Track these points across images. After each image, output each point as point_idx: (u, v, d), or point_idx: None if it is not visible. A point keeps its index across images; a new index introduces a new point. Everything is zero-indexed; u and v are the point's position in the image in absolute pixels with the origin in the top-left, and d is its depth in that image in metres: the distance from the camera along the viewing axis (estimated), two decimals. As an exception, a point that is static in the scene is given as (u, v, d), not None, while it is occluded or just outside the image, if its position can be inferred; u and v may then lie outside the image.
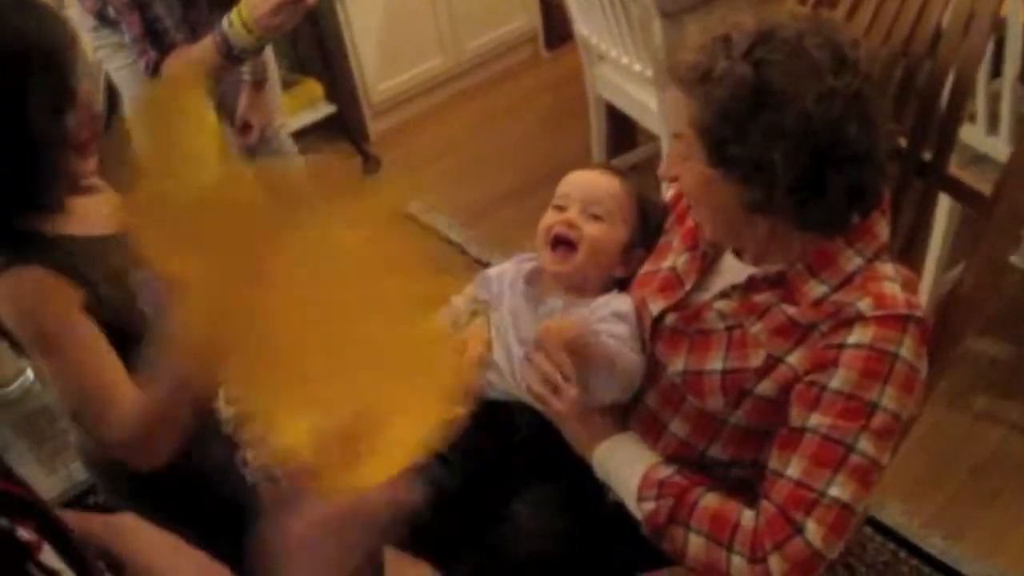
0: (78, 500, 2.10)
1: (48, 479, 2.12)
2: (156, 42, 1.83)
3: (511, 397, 1.27)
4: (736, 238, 1.13)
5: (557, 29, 3.64)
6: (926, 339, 1.04)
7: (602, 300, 1.26)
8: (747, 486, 1.10)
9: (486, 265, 2.77)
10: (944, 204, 1.96)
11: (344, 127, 3.31)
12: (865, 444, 1.00)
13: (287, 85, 3.14)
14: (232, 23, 1.71)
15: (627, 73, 2.40)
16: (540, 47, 3.79)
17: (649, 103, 2.35)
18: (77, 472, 2.05)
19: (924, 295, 2.06)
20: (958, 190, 1.17)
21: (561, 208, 1.29)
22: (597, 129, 2.72)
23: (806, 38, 1.01)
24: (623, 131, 2.78)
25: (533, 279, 1.32)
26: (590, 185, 1.30)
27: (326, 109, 3.27)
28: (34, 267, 1.06)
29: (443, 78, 3.55)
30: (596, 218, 1.27)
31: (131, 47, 1.86)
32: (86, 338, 1.09)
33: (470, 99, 3.59)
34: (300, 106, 3.21)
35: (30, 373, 2.19)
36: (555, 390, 1.16)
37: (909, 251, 1.21)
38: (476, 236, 2.87)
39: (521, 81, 3.66)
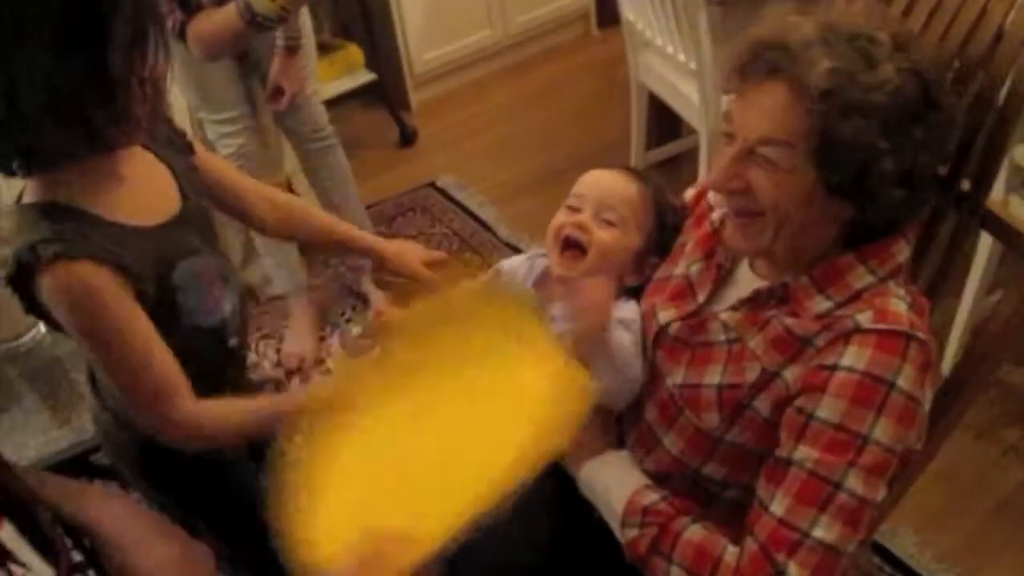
0: (84, 456, 2.11)
1: (58, 431, 2.13)
2: (183, 3, 1.80)
3: None
4: (797, 254, 1.04)
5: (610, 8, 3.52)
6: (928, 365, 0.97)
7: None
8: (742, 509, 1.04)
9: (514, 248, 2.73)
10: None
11: (384, 96, 3.26)
12: (854, 481, 0.94)
13: (327, 49, 3.10)
14: None
15: (671, 63, 2.31)
16: (592, 26, 3.70)
17: (691, 95, 2.27)
18: (86, 428, 2.05)
19: (959, 325, 1.97)
20: (996, 227, 1.09)
21: (574, 209, 1.24)
22: (638, 117, 2.64)
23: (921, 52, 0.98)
24: (665, 121, 2.69)
25: (541, 282, 1.28)
26: (606, 188, 1.25)
27: (365, 76, 3.21)
28: (83, 262, 1.02)
29: (489, 52, 3.48)
30: (609, 223, 1.22)
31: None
32: (144, 330, 1.08)
33: (515, 75, 3.52)
34: (339, 72, 3.16)
35: (42, 326, 2.19)
36: None
37: (939, 285, 1.13)
38: (506, 217, 2.82)
39: (568, 60, 3.58)
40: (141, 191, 1.12)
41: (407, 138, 3.23)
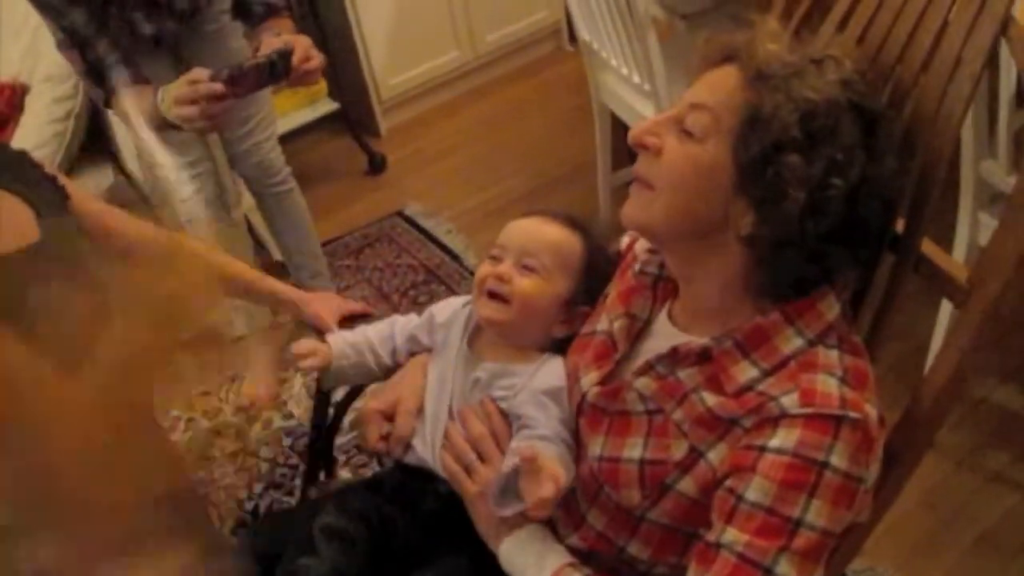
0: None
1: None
2: (101, 81, 1.75)
3: (429, 466, 1.18)
4: (691, 250, 0.99)
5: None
6: (868, 442, 0.89)
7: (531, 369, 1.15)
8: None
9: (482, 277, 2.66)
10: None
11: (349, 124, 3.19)
12: (786, 567, 0.87)
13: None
14: (163, 100, 1.64)
15: (628, 84, 2.24)
16: (564, 41, 3.63)
17: (648, 116, 2.19)
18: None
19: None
20: (930, 272, 1.00)
21: (496, 259, 1.18)
22: (602, 138, 2.56)
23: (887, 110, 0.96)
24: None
25: (476, 332, 1.22)
26: (527, 235, 1.19)
27: (328, 106, 3.15)
28: None
29: (458, 73, 3.41)
30: (530, 270, 1.16)
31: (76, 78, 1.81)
32: None
33: (485, 96, 3.45)
34: (301, 102, 3.10)
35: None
36: (469, 470, 1.08)
37: (875, 335, 1.05)
38: (475, 244, 2.75)
39: (540, 77, 3.50)
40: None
41: (376, 166, 3.16)
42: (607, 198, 2.63)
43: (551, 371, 1.14)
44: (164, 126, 1.68)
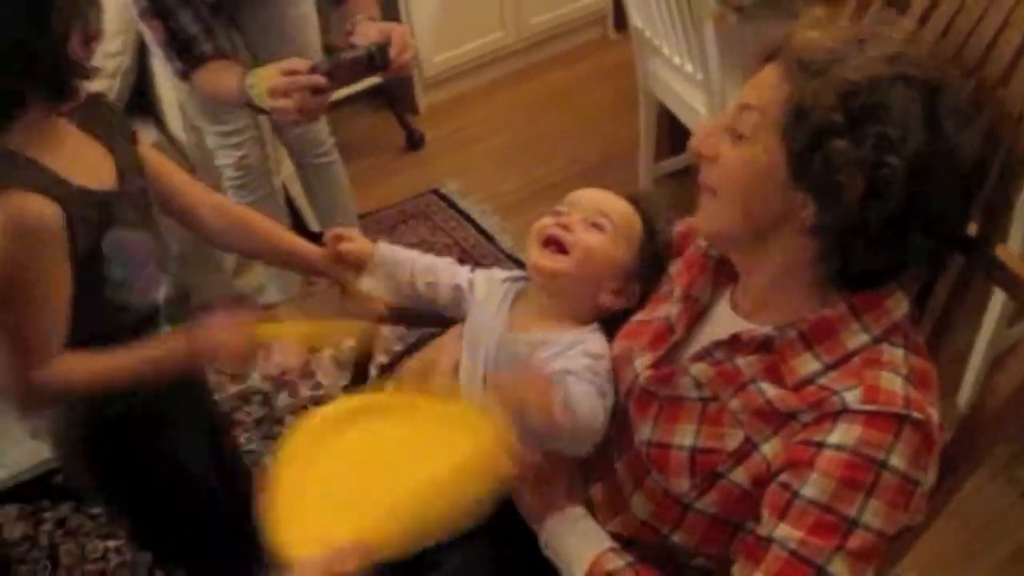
0: (47, 476, 2.07)
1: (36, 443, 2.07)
2: (183, 51, 1.70)
3: None
4: (753, 248, 0.98)
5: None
6: (929, 444, 0.88)
7: (574, 336, 1.13)
8: None
9: (517, 261, 2.64)
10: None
11: (391, 99, 3.17)
12: (839, 567, 0.85)
13: (332, 52, 3.02)
14: (253, 85, 1.58)
15: (679, 73, 2.21)
16: (609, 28, 3.59)
17: (699, 107, 2.16)
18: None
19: (979, 351, 1.85)
20: (1004, 279, 0.98)
21: (560, 214, 1.17)
22: (646, 127, 2.54)
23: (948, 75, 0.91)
24: (676, 131, 2.59)
25: (513, 313, 1.20)
26: (600, 198, 1.19)
27: (369, 80, 3.12)
28: (30, 195, 1.06)
29: (502, 54, 3.38)
30: (597, 227, 1.15)
31: (156, 50, 1.76)
32: (55, 283, 1.11)
33: (527, 78, 3.42)
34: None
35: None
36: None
37: (939, 337, 1.03)
38: (511, 227, 2.73)
39: (583, 63, 3.47)
40: (82, 157, 1.15)
41: (414, 143, 3.14)
42: (648, 187, 2.60)
43: (594, 339, 1.14)
44: (247, 107, 1.64)
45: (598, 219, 1.15)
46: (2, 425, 2.08)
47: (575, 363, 1.09)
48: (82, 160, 1.15)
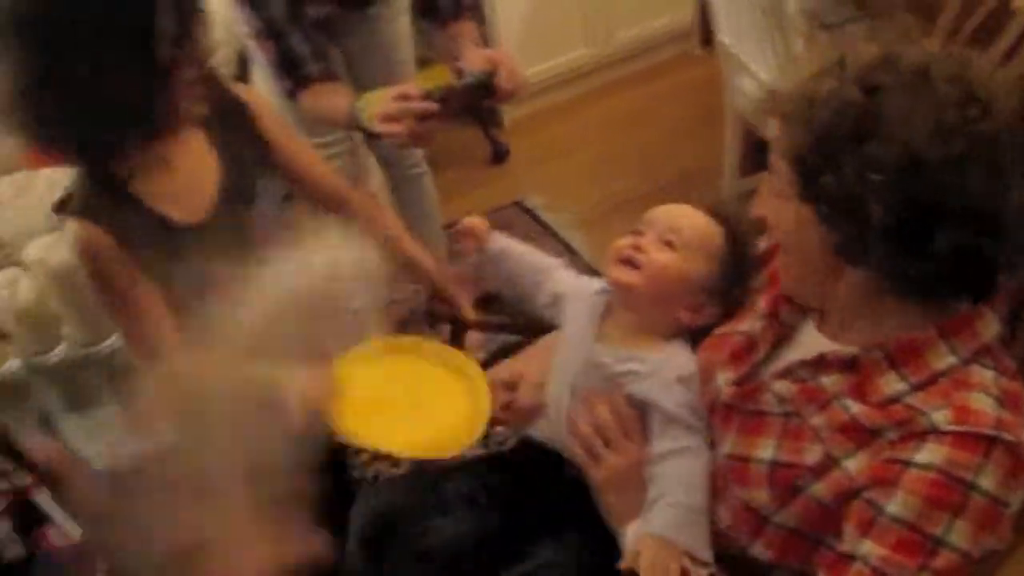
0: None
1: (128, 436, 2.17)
2: (292, 71, 1.73)
3: (552, 444, 1.22)
4: (821, 293, 1.00)
5: (713, 26, 3.43)
6: (1021, 466, 0.87)
7: (662, 356, 1.15)
8: None
9: (596, 274, 2.66)
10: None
11: (477, 114, 3.23)
12: None
13: (421, 64, 3.09)
14: (362, 109, 1.60)
15: (765, 90, 2.21)
16: (694, 44, 3.59)
17: (786, 125, 2.16)
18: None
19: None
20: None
21: (638, 234, 1.19)
22: (731, 145, 2.54)
23: (932, 68, 0.87)
24: (763, 149, 2.58)
25: (602, 323, 1.23)
26: (674, 214, 1.20)
27: (440, 84, 3.18)
28: (95, 227, 1.17)
29: (586, 69, 3.42)
30: (669, 246, 1.16)
31: (266, 68, 1.79)
32: (140, 294, 1.21)
33: (610, 94, 3.44)
34: (430, 88, 3.15)
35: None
36: (595, 456, 1.10)
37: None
38: (591, 241, 2.76)
39: (667, 79, 3.48)
40: (181, 185, 1.23)
41: (499, 155, 3.20)
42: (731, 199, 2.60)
43: (682, 359, 1.15)
44: (355, 129, 1.67)
45: (669, 236, 1.16)
46: (103, 420, 2.19)
47: (668, 397, 1.10)
48: (181, 184, 1.21)
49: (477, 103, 1.63)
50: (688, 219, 1.19)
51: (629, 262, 1.16)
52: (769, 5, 2.01)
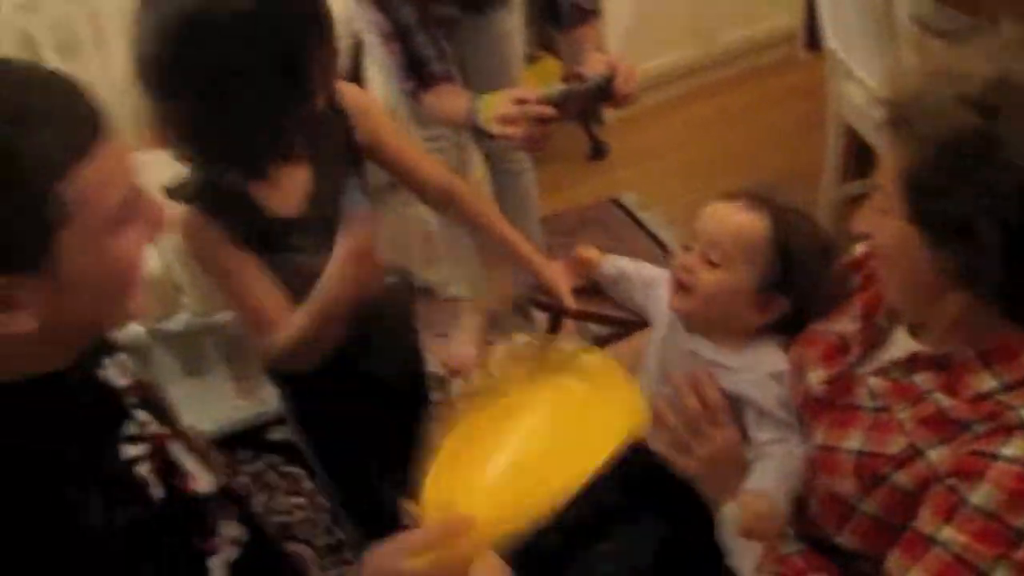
0: (260, 430, 2.29)
1: (241, 402, 2.31)
2: (416, 72, 1.77)
3: None
4: (924, 312, 1.02)
5: (820, 30, 3.40)
6: None
7: (752, 354, 1.19)
8: None
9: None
10: None
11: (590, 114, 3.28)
12: (1001, 575, 0.88)
13: (529, 60, 3.16)
14: (480, 110, 1.64)
15: (872, 97, 2.20)
16: (798, 48, 3.57)
17: (891, 132, 2.15)
18: (267, 402, 2.19)
19: None
20: None
21: (688, 249, 1.23)
22: (834, 150, 2.53)
23: None
24: (864, 155, 2.56)
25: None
26: (713, 224, 1.22)
27: (558, 88, 3.24)
28: (203, 215, 1.24)
29: (689, 70, 3.43)
30: (713, 264, 1.18)
31: (390, 69, 1.84)
32: (248, 272, 1.27)
33: (712, 95, 3.45)
34: (536, 83, 3.21)
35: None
36: (685, 448, 1.13)
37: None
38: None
39: (769, 82, 3.47)
40: (283, 178, 1.28)
41: (598, 152, 3.24)
42: (832, 210, 2.59)
43: (772, 355, 1.18)
44: (471, 130, 1.73)
45: (712, 254, 1.18)
46: (213, 385, 2.33)
47: (761, 392, 1.13)
48: (282, 180, 1.28)
49: (594, 106, 1.64)
50: (724, 227, 1.20)
51: (682, 287, 1.20)
52: (879, 11, 2.00)
